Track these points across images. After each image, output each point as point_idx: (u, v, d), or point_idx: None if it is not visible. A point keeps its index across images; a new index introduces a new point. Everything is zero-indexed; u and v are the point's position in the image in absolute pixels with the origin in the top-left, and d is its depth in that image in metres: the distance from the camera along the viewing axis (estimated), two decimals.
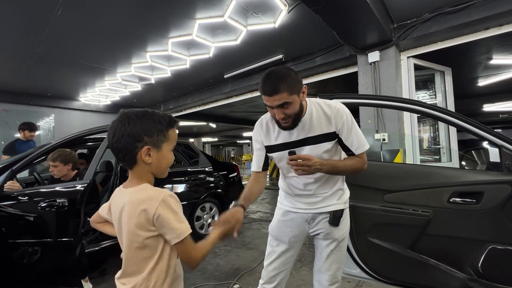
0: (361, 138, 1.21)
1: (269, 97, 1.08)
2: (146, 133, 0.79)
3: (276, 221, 1.38)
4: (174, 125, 0.86)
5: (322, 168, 1.13)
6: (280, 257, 1.33)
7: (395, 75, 3.28)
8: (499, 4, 2.59)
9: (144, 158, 0.79)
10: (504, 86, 6.53)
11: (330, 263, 1.29)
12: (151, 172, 0.84)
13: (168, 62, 4.45)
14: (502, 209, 1.36)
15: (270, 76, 1.09)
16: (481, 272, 1.37)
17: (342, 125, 1.18)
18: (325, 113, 1.19)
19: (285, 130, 1.19)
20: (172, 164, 0.89)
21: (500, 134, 1.42)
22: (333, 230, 1.27)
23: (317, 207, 1.28)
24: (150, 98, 7.07)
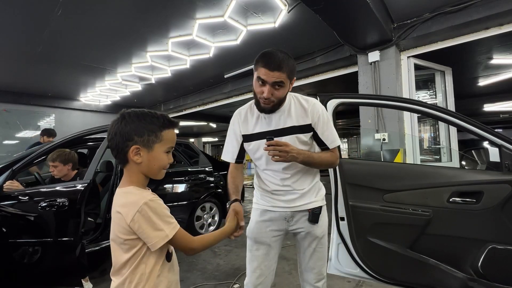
0: (335, 133, 1.26)
1: (269, 72, 1.08)
2: (136, 132, 0.78)
3: (255, 223, 1.32)
4: (170, 126, 0.84)
5: (298, 157, 1.14)
6: (264, 261, 1.29)
7: (395, 75, 3.27)
8: (499, 4, 2.59)
9: (133, 157, 0.78)
10: (505, 86, 6.52)
11: (315, 261, 1.30)
12: (142, 172, 0.82)
13: (168, 62, 4.45)
14: (502, 208, 1.36)
15: (276, 52, 1.10)
16: (481, 272, 1.37)
17: (318, 119, 1.22)
18: (302, 105, 1.23)
19: (262, 112, 1.20)
20: (172, 164, 0.87)
21: (500, 134, 1.41)
22: (313, 228, 1.28)
23: (295, 205, 1.26)
24: (150, 98, 7.08)
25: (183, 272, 2.70)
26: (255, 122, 1.25)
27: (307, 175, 1.28)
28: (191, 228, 3.33)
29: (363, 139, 3.49)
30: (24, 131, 6.41)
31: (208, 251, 3.19)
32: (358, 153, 16.85)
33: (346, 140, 18.42)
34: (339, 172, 1.70)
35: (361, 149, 3.64)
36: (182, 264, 2.88)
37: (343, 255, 1.74)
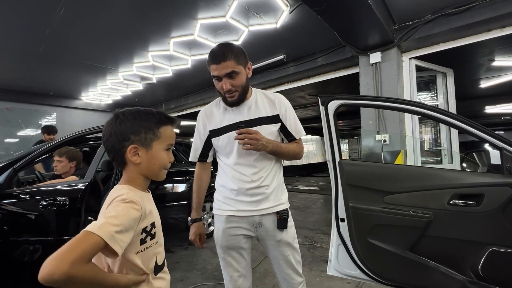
0: (300, 124, 1.33)
1: (217, 66, 1.11)
2: (132, 131, 0.73)
3: (221, 231, 1.25)
4: (167, 123, 0.79)
5: (268, 146, 1.16)
6: (240, 263, 1.27)
7: (397, 76, 3.27)
8: (502, 5, 2.58)
9: (131, 158, 0.74)
10: (506, 87, 6.51)
11: (292, 267, 1.30)
12: (141, 174, 0.76)
13: (169, 62, 4.46)
14: (502, 211, 1.36)
15: (218, 46, 1.16)
16: (481, 275, 1.37)
17: (286, 111, 1.27)
18: (269, 98, 1.28)
19: (231, 106, 1.21)
20: (173, 163, 0.83)
21: (501, 136, 1.41)
22: (282, 235, 1.26)
23: (262, 207, 1.23)
24: (151, 98, 7.09)
25: (182, 272, 2.70)
26: (223, 115, 1.26)
27: (276, 170, 1.30)
28: None
29: (364, 140, 3.49)
30: (26, 129, 6.43)
31: (207, 251, 3.19)
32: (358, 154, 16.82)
33: (347, 141, 18.39)
34: (340, 173, 1.70)
35: (361, 150, 3.64)
36: (181, 263, 2.89)
37: (343, 256, 1.74)
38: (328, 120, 1.79)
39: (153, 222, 0.76)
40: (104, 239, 0.58)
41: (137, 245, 0.70)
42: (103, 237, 0.58)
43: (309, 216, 4.57)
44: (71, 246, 0.55)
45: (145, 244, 0.72)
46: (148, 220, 0.73)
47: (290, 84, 4.80)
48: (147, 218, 0.73)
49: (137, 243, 0.70)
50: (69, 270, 0.52)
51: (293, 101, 7.41)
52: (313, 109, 8.95)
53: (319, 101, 1.85)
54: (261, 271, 2.64)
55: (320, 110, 1.72)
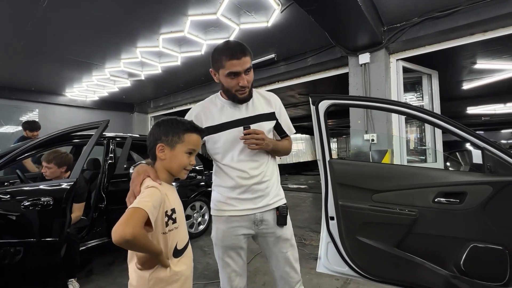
0: (290, 122, 1.41)
1: (238, 61, 1.10)
2: (164, 133, 0.92)
3: (222, 231, 1.24)
4: (193, 131, 0.95)
5: (270, 145, 1.20)
6: (237, 263, 1.28)
7: (385, 77, 3.34)
8: (485, 10, 2.68)
9: (158, 153, 0.92)
10: (487, 89, 6.79)
11: (290, 264, 1.32)
12: (165, 169, 0.94)
13: (158, 59, 4.38)
14: (483, 209, 1.41)
15: (234, 41, 1.16)
16: (463, 269, 1.42)
17: (280, 108, 1.32)
18: (264, 96, 1.32)
19: (242, 102, 1.22)
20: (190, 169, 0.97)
21: (483, 137, 1.47)
22: (282, 231, 1.29)
23: (263, 204, 1.25)
24: (139, 95, 6.94)
25: None
26: (220, 113, 1.23)
27: (272, 164, 1.33)
28: None
29: (353, 139, 3.56)
30: (5, 126, 6.16)
31: (197, 250, 3.17)
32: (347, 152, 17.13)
33: (335, 140, 18.68)
34: (330, 172, 1.72)
35: (350, 149, 3.71)
36: None
37: (332, 253, 1.77)
38: (319, 120, 1.81)
39: (174, 208, 0.91)
40: (147, 212, 0.74)
41: (163, 226, 0.86)
42: (146, 210, 0.74)
43: (299, 214, 4.62)
44: (129, 217, 0.72)
45: (168, 227, 0.87)
46: (168, 205, 0.89)
47: (280, 83, 4.81)
48: (167, 202, 0.88)
49: (163, 224, 0.86)
50: (133, 231, 0.69)
51: (284, 100, 7.43)
52: (303, 108, 9.03)
53: (310, 100, 1.87)
54: (251, 269, 2.65)
55: (311, 109, 1.74)
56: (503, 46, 4.08)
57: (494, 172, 1.47)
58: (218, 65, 1.16)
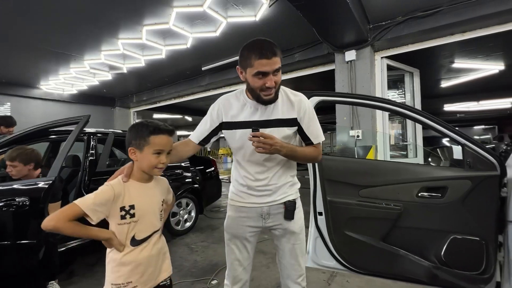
0: (320, 129, 1.27)
1: (268, 61, 1.05)
2: (133, 138, 1.03)
3: (231, 219, 1.34)
4: (158, 133, 1.03)
5: (282, 150, 1.13)
6: (241, 253, 1.33)
7: (370, 74, 3.41)
8: (464, 11, 2.79)
9: (131, 156, 1.03)
10: (463, 88, 7.13)
11: (295, 257, 1.32)
12: (139, 168, 1.05)
13: (142, 51, 4.21)
14: (463, 202, 1.48)
15: (265, 40, 1.09)
16: (444, 260, 1.49)
17: (304, 114, 1.22)
18: (290, 99, 1.22)
19: (266, 104, 1.17)
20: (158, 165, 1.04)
21: (463, 134, 1.53)
22: (289, 224, 1.29)
23: (269, 200, 1.27)
24: (121, 89, 6.67)
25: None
26: (240, 110, 1.22)
27: (285, 169, 1.29)
28: (166, 225, 3.23)
29: (339, 135, 3.62)
30: None
31: (184, 248, 3.12)
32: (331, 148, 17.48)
33: None
34: (318, 168, 1.74)
35: (336, 144, 3.78)
36: None
37: (320, 248, 1.80)
38: None
39: (133, 205, 1.01)
40: (81, 208, 0.89)
41: (118, 219, 0.99)
42: (81, 206, 0.90)
43: None
44: (60, 211, 0.89)
45: (125, 220, 1.00)
46: (126, 201, 0.99)
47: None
48: (125, 199, 0.99)
49: (118, 217, 0.99)
50: (55, 224, 0.87)
51: None
52: None
53: None
54: None
55: None
56: (478, 47, 4.28)
57: (473, 167, 1.54)
58: (247, 63, 1.11)
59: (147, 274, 1.05)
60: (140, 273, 1.03)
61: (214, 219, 4.50)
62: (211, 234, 3.62)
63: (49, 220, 0.87)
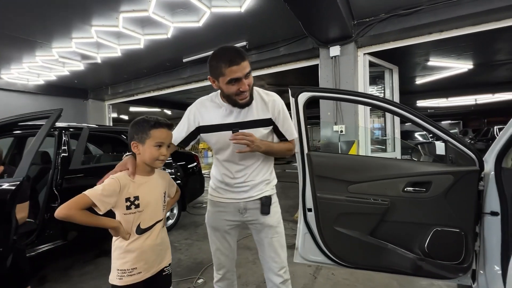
0: (293, 126, 1.40)
1: (238, 67, 1.09)
2: (135, 132, 1.10)
3: (211, 213, 1.44)
4: (158, 127, 1.09)
5: (262, 147, 1.21)
6: (223, 243, 1.42)
7: (353, 70, 3.46)
8: (443, 11, 2.89)
9: (133, 150, 1.11)
10: (435, 85, 7.53)
11: (275, 250, 1.39)
12: (142, 161, 1.12)
13: (118, 40, 3.94)
14: (445, 196, 1.55)
15: (230, 46, 1.14)
16: (427, 252, 1.56)
17: (279, 113, 1.30)
18: (264, 100, 1.29)
19: (243, 107, 1.23)
20: (158, 158, 1.11)
21: (447, 131, 1.59)
22: (266, 219, 1.36)
23: (246, 196, 1.35)
24: (94, 80, 6.25)
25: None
26: (216, 113, 1.28)
27: (262, 167, 1.36)
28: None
29: (323, 130, 3.66)
30: None
31: None
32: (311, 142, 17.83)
33: None
34: (308, 164, 1.73)
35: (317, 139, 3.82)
36: None
37: (308, 244, 1.81)
38: (298, 112, 1.79)
39: (137, 196, 1.08)
40: (91, 198, 0.97)
41: (123, 209, 1.07)
42: (90, 197, 0.97)
43: None
44: (71, 200, 0.95)
45: (130, 210, 1.08)
46: (131, 193, 1.07)
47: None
48: (130, 190, 1.07)
49: (123, 207, 1.06)
50: (66, 212, 0.93)
51: None
52: None
53: (290, 92, 1.83)
54: None
55: (290, 101, 1.71)
56: (452, 46, 4.51)
57: (455, 163, 1.61)
58: (218, 73, 1.15)
59: (151, 261, 1.13)
60: (144, 260, 1.10)
61: (197, 216, 4.42)
62: (194, 231, 3.54)
63: (61, 209, 0.92)
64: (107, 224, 1.04)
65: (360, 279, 2.31)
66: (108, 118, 7.55)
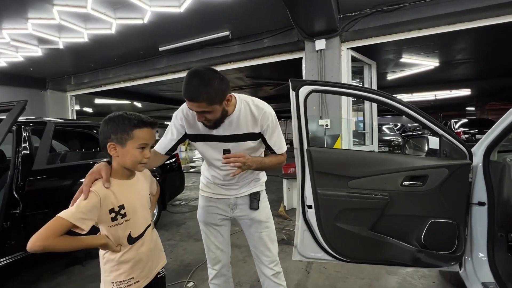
0: (282, 140, 1.38)
1: (189, 102, 1.07)
2: (113, 131, 0.94)
3: (202, 208, 1.46)
4: (142, 126, 0.95)
5: (252, 165, 1.21)
6: (217, 238, 1.45)
7: (338, 65, 3.48)
8: (423, 9, 3.00)
9: (110, 152, 0.95)
10: (404, 81, 7.98)
11: (265, 244, 1.44)
12: (121, 165, 0.98)
13: (84, 23, 3.52)
14: (440, 189, 1.60)
15: (192, 80, 1.05)
16: (423, 243, 1.61)
17: (267, 127, 1.28)
18: (253, 113, 1.25)
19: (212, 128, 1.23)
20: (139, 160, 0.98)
21: (442, 125, 1.64)
22: (255, 214, 1.41)
23: (235, 193, 1.40)
24: (54, 68, 5.58)
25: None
26: (201, 123, 1.25)
27: (250, 171, 1.36)
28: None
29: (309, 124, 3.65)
30: None
31: None
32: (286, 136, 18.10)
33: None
34: (308, 160, 1.68)
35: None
36: None
37: (308, 241, 1.78)
38: (298, 106, 1.72)
39: (122, 204, 0.96)
40: (69, 221, 0.81)
41: (109, 221, 0.94)
42: (68, 219, 0.81)
43: None
44: (46, 227, 0.79)
45: (117, 221, 0.95)
46: (114, 203, 0.94)
47: (233, 64, 4.54)
48: (112, 201, 0.93)
49: (108, 220, 0.93)
50: (43, 243, 0.77)
51: (231, 82, 7.17)
52: (250, 91, 8.95)
53: (290, 85, 1.75)
54: None
55: (290, 95, 1.63)
56: (424, 44, 4.75)
57: (449, 157, 1.67)
58: None
59: (148, 268, 1.05)
60: (141, 268, 1.02)
61: (177, 214, 4.23)
62: (177, 231, 3.37)
63: (35, 241, 0.76)
64: (93, 243, 0.92)
65: (351, 271, 2.36)
66: (71, 111, 6.85)
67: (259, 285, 2.24)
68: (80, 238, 0.87)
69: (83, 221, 0.84)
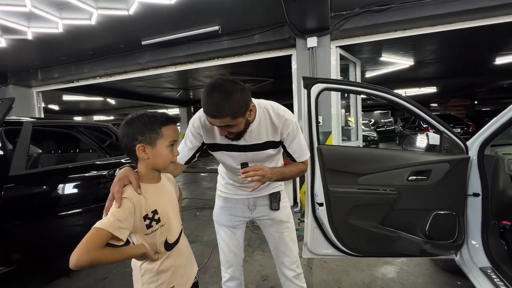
0: (303, 147, 1.29)
1: (210, 118, 1.02)
2: (139, 132, 0.89)
3: (219, 208, 1.45)
4: (169, 123, 0.93)
5: (272, 177, 1.17)
6: (231, 240, 1.44)
7: (329, 63, 3.53)
8: (410, 11, 3.14)
9: (140, 154, 0.90)
10: (380, 79, 8.36)
11: (286, 245, 1.41)
12: (151, 167, 0.94)
13: (59, 12, 3.19)
14: (442, 182, 1.69)
15: (213, 94, 0.98)
16: (428, 234, 1.70)
17: (288, 135, 1.23)
18: (273, 122, 1.20)
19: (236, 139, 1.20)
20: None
21: (443, 122, 1.73)
22: (276, 214, 1.39)
23: (255, 193, 1.36)
24: (18, 60, 5.03)
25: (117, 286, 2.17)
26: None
27: None
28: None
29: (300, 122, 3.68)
30: None
31: None
32: None
33: None
34: (319, 158, 1.69)
35: None
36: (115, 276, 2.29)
37: (318, 238, 1.80)
38: (310, 104, 1.72)
39: (155, 209, 0.91)
40: (109, 231, 0.76)
41: (144, 229, 0.88)
42: (107, 230, 0.76)
43: None
44: (87, 241, 0.73)
45: (152, 228, 0.90)
46: (148, 209, 0.89)
47: (221, 60, 4.41)
48: (145, 206, 0.88)
49: (143, 228, 0.88)
50: (88, 258, 0.71)
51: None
52: None
53: (302, 83, 1.74)
54: (214, 265, 2.45)
55: (301, 93, 1.63)
56: (402, 44, 5.00)
57: (449, 152, 1.78)
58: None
59: (187, 274, 1.03)
60: (180, 275, 0.99)
61: None
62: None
63: (79, 255, 0.69)
64: (133, 253, 0.86)
65: (350, 264, 2.43)
66: (38, 108, 6.23)
67: (264, 285, 2.23)
68: (121, 249, 0.82)
69: (121, 230, 0.79)
